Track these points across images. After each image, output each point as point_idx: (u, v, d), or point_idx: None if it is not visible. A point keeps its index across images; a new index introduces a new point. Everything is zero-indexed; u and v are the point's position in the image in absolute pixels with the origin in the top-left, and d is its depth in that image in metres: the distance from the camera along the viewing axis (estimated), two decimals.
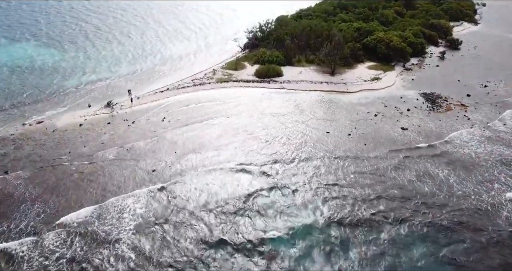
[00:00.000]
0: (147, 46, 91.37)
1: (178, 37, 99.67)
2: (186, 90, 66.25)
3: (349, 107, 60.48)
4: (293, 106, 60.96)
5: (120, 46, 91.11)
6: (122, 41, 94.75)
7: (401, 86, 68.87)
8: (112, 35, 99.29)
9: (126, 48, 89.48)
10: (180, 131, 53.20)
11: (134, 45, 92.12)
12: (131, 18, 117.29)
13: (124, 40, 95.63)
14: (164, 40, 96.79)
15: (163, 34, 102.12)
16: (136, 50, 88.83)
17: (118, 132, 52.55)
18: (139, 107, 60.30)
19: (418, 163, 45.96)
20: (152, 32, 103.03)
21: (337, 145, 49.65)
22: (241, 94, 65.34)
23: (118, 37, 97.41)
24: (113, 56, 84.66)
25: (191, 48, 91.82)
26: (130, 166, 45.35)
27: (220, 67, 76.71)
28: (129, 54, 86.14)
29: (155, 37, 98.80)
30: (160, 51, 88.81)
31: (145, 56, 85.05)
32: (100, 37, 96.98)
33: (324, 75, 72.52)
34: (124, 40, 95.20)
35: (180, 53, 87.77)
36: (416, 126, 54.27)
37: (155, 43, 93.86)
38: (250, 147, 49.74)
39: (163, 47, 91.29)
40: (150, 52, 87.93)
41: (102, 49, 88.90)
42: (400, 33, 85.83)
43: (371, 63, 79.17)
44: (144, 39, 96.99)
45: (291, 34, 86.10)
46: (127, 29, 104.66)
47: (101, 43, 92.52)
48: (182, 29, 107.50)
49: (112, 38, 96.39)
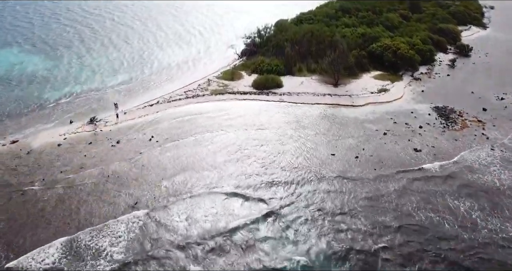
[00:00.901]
0: (144, 52, 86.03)
1: (176, 42, 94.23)
2: (178, 104, 61.00)
3: (355, 124, 55.25)
4: (294, 122, 55.78)
5: (115, 52, 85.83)
6: (118, 46, 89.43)
7: (411, 99, 63.63)
8: (108, 39, 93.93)
9: (121, 54, 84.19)
10: (169, 152, 48.04)
11: (130, 51, 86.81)
12: (129, 20, 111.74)
13: (120, 45, 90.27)
14: (162, 45, 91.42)
15: (161, 38, 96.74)
16: (131, 56, 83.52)
17: (99, 155, 47.31)
18: (126, 123, 55.04)
19: (436, 194, 40.71)
20: (150, 36, 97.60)
21: (343, 170, 44.44)
22: (237, 108, 60.12)
23: (114, 42, 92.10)
24: (106, 63, 79.44)
25: (188, 54, 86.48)
26: (110, 196, 40.17)
27: (215, 77, 71.46)
28: (124, 61, 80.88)
29: (152, 42, 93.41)
30: (157, 58, 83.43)
31: (140, 64, 79.75)
32: (95, 42, 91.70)
33: (327, 86, 67.27)
34: (120, 45, 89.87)
35: (177, 60, 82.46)
36: (430, 148, 49.04)
37: (152, 49, 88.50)
38: (244, 168, 44.91)
39: (160, 53, 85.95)
40: (146, 59, 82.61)
41: (96, 55, 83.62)
42: (408, 39, 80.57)
43: (377, 72, 73.92)
44: (141, 44, 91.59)
45: (291, 40, 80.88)
46: (124, 33, 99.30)
47: (95, 49, 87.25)
48: (181, 32, 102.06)
49: (107, 43, 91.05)
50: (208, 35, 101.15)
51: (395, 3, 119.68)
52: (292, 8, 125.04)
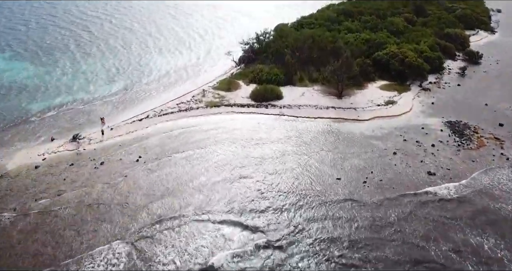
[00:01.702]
0: (137, 59, 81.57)
1: (175, 47, 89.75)
2: (169, 118, 56.52)
3: (361, 141, 50.80)
4: (295, 139, 51.37)
5: (111, 57, 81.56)
6: (114, 51, 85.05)
7: (420, 113, 59.15)
8: (104, 43, 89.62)
9: (117, 60, 79.90)
10: (157, 173, 43.71)
11: (122, 57, 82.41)
12: (126, 23, 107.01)
13: (117, 50, 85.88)
14: (156, 51, 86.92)
15: (159, 42, 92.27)
16: (127, 62, 79.19)
17: (81, 178, 42.81)
18: (112, 141, 50.57)
19: (456, 228, 36.21)
20: (148, 40, 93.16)
21: (350, 198, 39.97)
22: (234, 122, 55.71)
23: (111, 47, 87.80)
24: (101, 70, 75.23)
25: (186, 60, 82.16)
26: (89, 227, 35.76)
27: (211, 87, 66.96)
28: (119, 67, 76.69)
29: (150, 47, 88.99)
30: (154, 64, 79.08)
31: (136, 71, 75.44)
32: (90, 46, 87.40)
33: (331, 98, 62.78)
34: (116, 50, 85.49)
35: (171, 67, 78.12)
36: (445, 170, 44.55)
37: (146, 55, 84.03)
38: (239, 190, 40.69)
39: (158, 59, 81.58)
40: (143, 65, 78.30)
41: (91, 61, 79.34)
42: (415, 46, 76.09)
43: (384, 82, 69.45)
44: (138, 49, 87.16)
45: (291, 46, 76.44)
46: (121, 37, 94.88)
47: (90, 54, 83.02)
48: (180, 36, 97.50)
49: (103, 48, 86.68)
50: (208, 39, 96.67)
51: (399, 5, 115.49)
52: (293, 10, 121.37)
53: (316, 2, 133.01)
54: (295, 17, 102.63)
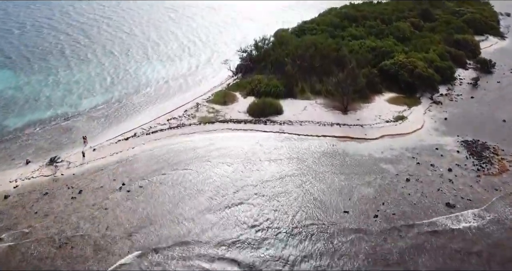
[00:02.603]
0: (133, 67, 76.90)
1: (170, 54, 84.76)
2: (158, 136, 51.55)
3: (370, 165, 45.81)
4: (296, 161, 46.48)
5: (100, 66, 76.79)
6: (103, 59, 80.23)
7: (433, 130, 54.17)
8: (93, 50, 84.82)
9: (106, 70, 75.15)
10: (141, 205, 38.77)
11: (116, 65, 77.80)
12: (120, 28, 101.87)
13: (108, 57, 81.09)
14: (154, 57, 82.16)
15: (153, 49, 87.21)
16: (117, 72, 74.45)
17: (54, 211, 37.88)
18: (93, 164, 45.60)
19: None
20: (141, 47, 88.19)
21: (361, 236, 35.02)
22: (229, 141, 50.77)
23: (100, 54, 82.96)
24: (88, 80, 70.51)
25: (181, 68, 77.45)
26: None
27: (205, 100, 61.99)
28: (108, 77, 72.04)
29: (142, 54, 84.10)
30: (145, 73, 74.33)
31: (125, 81, 70.68)
32: (79, 54, 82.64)
33: (335, 113, 57.79)
34: (107, 58, 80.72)
35: (168, 75, 73.64)
36: (466, 202, 39.57)
37: (143, 62, 79.36)
38: (230, 226, 35.64)
39: (150, 68, 76.83)
40: (133, 75, 73.59)
41: (77, 70, 74.65)
42: (424, 55, 71.10)
43: (392, 94, 64.46)
44: (130, 57, 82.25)
45: (292, 55, 71.50)
46: (113, 43, 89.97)
47: (79, 62, 78.34)
48: (177, 42, 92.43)
49: (92, 56, 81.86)
50: (207, 44, 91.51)
51: (404, 8, 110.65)
52: (295, 13, 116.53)
53: (317, 3, 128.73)
54: (297, 19, 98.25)
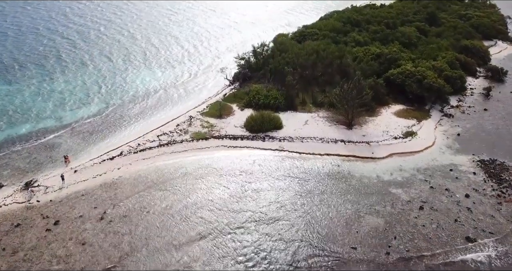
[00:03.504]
0: (124, 75, 72.61)
1: (164, 61, 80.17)
2: (147, 155, 47.34)
3: (378, 189, 41.59)
4: (297, 185, 42.35)
5: (95, 73, 72.75)
6: (95, 66, 75.89)
7: (446, 147, 49.93)
8: (85, 56, 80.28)
9: (96, 78, 70.98)
10: (125, 239, 34.48)
11: (112, 71, 73.80)
12: (117, 31, 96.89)
13: (98, 65, 76.62)
14: (147, 64, 77.80)
15: (150, 54, 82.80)
16: (112, 79, 70.38)
17: (25, 247, 33.65)
18: (74, 188, 41.37)
19: None
20: (138, 52, 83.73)
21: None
22: (224, 161, 46.60)
23: (92, 61, 78.55)
24: (80, 89, 66.54)
25: (175, 77, 73.07)
26: None
27: (199, 113, 57.79)
28: (102, 85, 68.02)
29: (140, 60, 79.85)
30: (137, 82, 70.00)
31: (120, 89, 66.73)
32: (68, 60, 78.23)
33: (339, 128, 53.53)
34: (97, 65, 76.27)
35: (160, 85, 69.45)
36: (487, 235, 35.36)
37: (134, 70, 74.98)
38: (221, 262, 31.53)
39: (142, 76, 72.53)
40: (129, 82, 69.53)
41: (71, 77, 70.64)
42: (433, 63, 66.84)
43: (399, 106, 60.22)
44: (127, 63, 77.93)
45: (292, 63, 67.33)
46: (109, 48, 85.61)
47: (72, 68, 74.20)
48: (173, 47, 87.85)
49: (83, 62, 77.39)
50: (206, 50, 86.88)
51: (409, 13, 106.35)
52: (298, 13, 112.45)
53: (318, 4, 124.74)
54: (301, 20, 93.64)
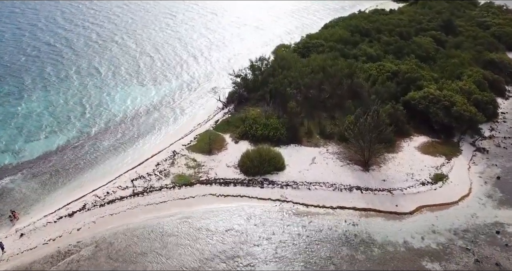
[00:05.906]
0: (116, 92, 63.47)
1: (159, 75, 70.42)
2: (116, 209, 38.10)
3: (407, 264, 32.27)
4: (302, 259, 32.89)
5: (74, 90, 63.46)
6: (80, 81, 66.59)
7: (486, 197, 40.55)
8: (72, 69, 70.92)
9: (80, 96, 61.94)
10: None
11: (97, 87, 64.85)
12: (109, 38, 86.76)
13: (85, 79, 67.27)
14: (139, 79, 68.28)
15: (141, 67, 73.03)
16: (92, 99, 61.21)
17: None
18: (16, 262, 32.24)
19: None
20: (131, 64, 74.33)
21: None
22: (210, 218, 37.33)
23: (83, 72, 69.76)
24: (59, 110, 57.77)
25: (170, 94, 63.71)
26: None
27: (185, 147, 48.47)
28: (86, 104, 59.42)
29: (131, 73, 70.51)
30: (124, 101, 60.84)
31: (102, 112, 57.60)
32: (58, 71, 69.55)
33: (353, 170, 44.10)
34: (84, 80, 66.95)
35: (148, 105, 60.08)
36: None
37: (128, 86, 65.80)
38: None
39: (131, 94, 63.14)
40: (114, 102, 60.46)
41: (52, 94, 61.87)
42: (460, 85, 57.32)
43: (422, 138, 50.77)
44: (112, 78, 68.30)
45: (296, 83, 58.11)
46: (99, 58, 76.17)
47: (55, 84, 65.26)
48: (170, 57, 78.04)
49: (69, 76, 68.10)
50: (205, 61, 76.92)
51: (422, 20, 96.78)
52: (301, 17, 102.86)
53: (320, 6, 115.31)
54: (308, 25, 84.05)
